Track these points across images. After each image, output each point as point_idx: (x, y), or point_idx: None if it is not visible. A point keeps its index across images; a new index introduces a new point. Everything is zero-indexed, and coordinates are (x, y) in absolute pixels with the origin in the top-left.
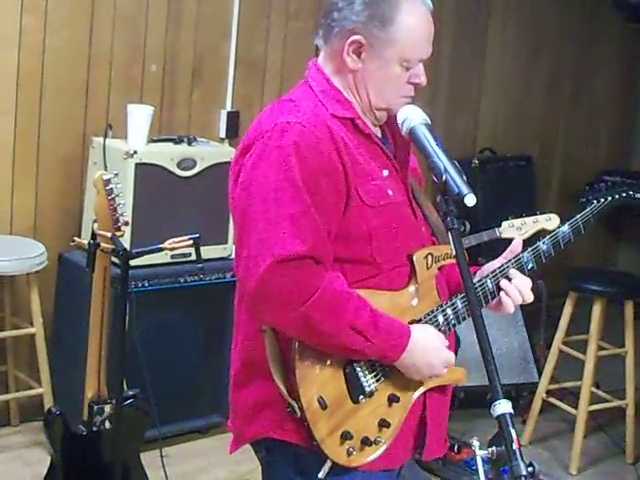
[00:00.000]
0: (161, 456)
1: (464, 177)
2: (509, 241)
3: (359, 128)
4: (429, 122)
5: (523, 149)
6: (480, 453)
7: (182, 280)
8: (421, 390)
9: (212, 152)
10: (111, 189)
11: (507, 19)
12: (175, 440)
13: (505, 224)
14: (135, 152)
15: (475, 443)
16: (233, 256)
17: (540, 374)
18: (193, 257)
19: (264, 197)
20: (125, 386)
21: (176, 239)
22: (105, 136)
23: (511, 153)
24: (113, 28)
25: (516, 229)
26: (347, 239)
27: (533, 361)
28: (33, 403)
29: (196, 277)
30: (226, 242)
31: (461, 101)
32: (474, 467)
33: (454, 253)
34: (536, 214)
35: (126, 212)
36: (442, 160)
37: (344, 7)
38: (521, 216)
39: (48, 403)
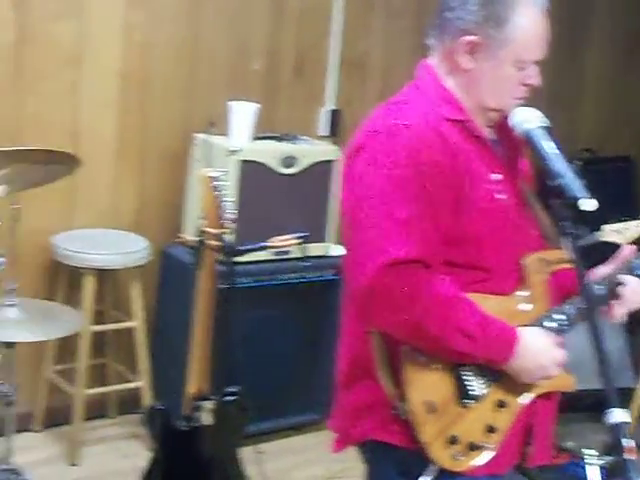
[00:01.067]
0: (257, 452)
1: (582, 181)
2: (612, 245)
3: (469, 130)
4: (547, 124)
5: (623, 150)
6: (594, 462)
7: (283, 277)
8: (529, 396)
9: (314, 150)
10: (218, 186)
11: (605, 19)
12: (270, 437)
13: (606, 228)
14: (239, 149)
15: (589, 452)
16: (331, 254)
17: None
18: (294, 255)
19: (374, 200)
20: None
21: (283, 237)
22: (208, 133)
23: (611, 154)
24: (217, 25)
25: (618, 233)
26: (457, 243)
27: (631, 367)
28: (131, 396)
29: (297, 275)
30: (326, 240)
31: (560, 101)
32: (571, 472)
33: (569, 258)
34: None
35: (232, 209)
36: (559, 164)
37: (458, 7)
38: (623, 219)
39: (146, 397)
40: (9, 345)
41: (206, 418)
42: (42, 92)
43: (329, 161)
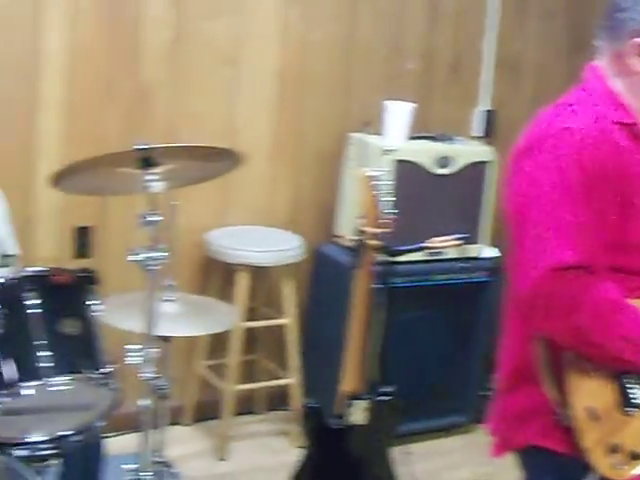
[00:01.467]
0: (406, 453)
1: None
2: None
3: (637, 134)
4: None
5: None
6: None
7: (437, 278)
8: None
9: (468, 151)
10: (377, 186)
11: None
12: (419, 437)
13: None
14: (394, 149)
15: None
16: (484, 255)
17: None
18: (448, 256)
19: (542, 203)
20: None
21: (443, 237)
22: (363, 132)
23: None
24: (373, 24)
25: None
26: (622, 248)
27: None
28: (280, 393)
29: (451, 276)
30: (479, 242)
31: None
32: None
33: None
34: None
35: (391, 209)
36: None
37: (629, 8)
38: None
39: (296, 394)
40: (166, 339)
41: (358, 417)
42: (199, 91)
43: (483, 162)
